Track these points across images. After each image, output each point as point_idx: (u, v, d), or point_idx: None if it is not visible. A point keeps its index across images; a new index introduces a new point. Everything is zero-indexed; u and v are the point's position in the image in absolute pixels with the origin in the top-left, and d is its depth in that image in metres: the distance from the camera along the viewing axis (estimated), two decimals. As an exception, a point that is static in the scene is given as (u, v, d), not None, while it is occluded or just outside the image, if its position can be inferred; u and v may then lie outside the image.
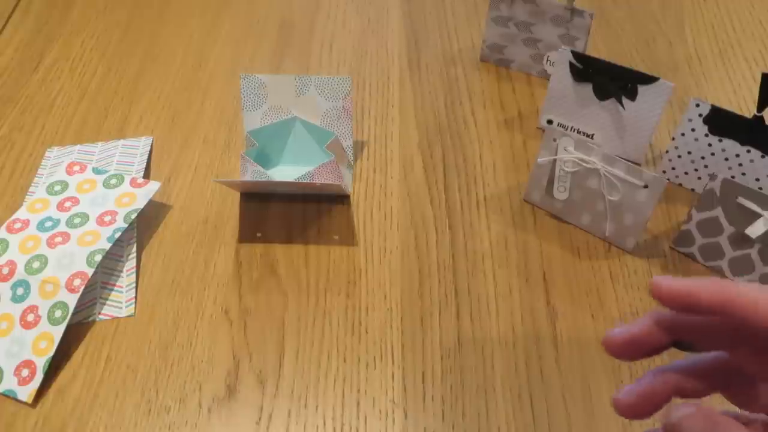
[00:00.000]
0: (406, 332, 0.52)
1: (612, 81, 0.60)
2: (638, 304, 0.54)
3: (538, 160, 0.58)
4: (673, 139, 0.60)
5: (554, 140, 0.56)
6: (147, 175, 0.63)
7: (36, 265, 0.53)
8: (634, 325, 0.31)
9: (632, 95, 0.60)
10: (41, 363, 0.49)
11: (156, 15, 0.82)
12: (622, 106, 0.61)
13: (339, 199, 0.61)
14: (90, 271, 0.52)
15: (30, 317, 0.51)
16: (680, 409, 0.28)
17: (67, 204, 0.58)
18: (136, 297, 0.54)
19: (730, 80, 0.73)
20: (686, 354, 0.31)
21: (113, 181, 0.60)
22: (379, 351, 0.51)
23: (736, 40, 0.78)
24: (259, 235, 0.59)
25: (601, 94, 0.62)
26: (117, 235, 0.55)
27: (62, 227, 0.56)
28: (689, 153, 0.60)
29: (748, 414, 0.30)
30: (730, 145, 0.57)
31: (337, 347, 0.51)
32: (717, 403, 0.31)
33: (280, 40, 0.79)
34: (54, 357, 0.49)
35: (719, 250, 0.55)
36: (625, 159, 0.53)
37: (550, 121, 0.66)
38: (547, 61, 0.71)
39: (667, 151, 0.61)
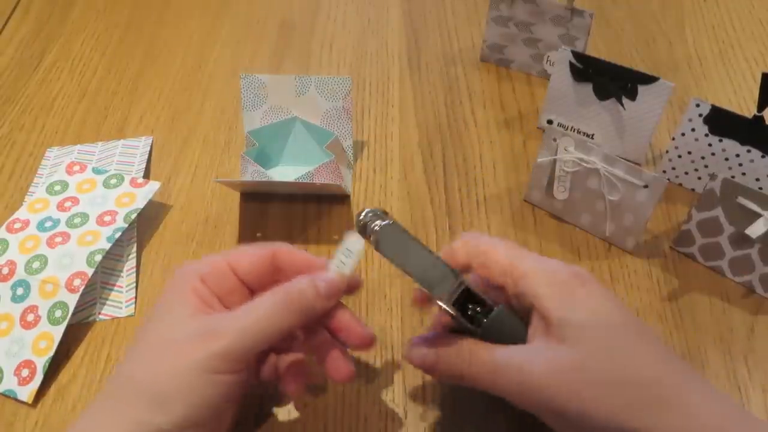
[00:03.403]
0: (406, 332, 0.52)
1: (612, 81, 0.60)
2: (638, 304, 0.54)
3: (538, 160, 0.58)
4: (673, 139, 0.60)
5: (554, 140, 0.56)
6: (147, 175, 0.63)
7: (36, 265, 0.53)
8: (428, 334, 0.41)
9: (632, 95, 0.60)
10: (41, 363, 0.49)
11: (156, 15, 0.82)
12: (622, 106, 0.61)
13: (339, 199, 0.61)
14: (90, 271, 0.52)
15: (30, 317, 0.51)
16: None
17: (67, 204, 0.58)
18: (136, 297, 0.54)
19: (730, 80, 0.73)
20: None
21: (113, 181, 0.60)
22: (378, 350, 0.51)
23: (736, 40, 0.78)
24: (259, 235, 0.59)
25: (601, 94, 0.62)
26: (117, 235, 0.55)
27: (62, 227, 0.56)
28: (689, 153, 0.60)
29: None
30: (731, 145, 0.57)
31: (337, 347, 0.51)
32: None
33: (280, 40, 0.79)
34: (54, 357, 0.49)
35: (719, 250, 0.55)
36: (625, 159, 0.53)
37: (550, 121, 0.66)
38: (547, 61, 0.71)
39: (667, 151, 0.61)
